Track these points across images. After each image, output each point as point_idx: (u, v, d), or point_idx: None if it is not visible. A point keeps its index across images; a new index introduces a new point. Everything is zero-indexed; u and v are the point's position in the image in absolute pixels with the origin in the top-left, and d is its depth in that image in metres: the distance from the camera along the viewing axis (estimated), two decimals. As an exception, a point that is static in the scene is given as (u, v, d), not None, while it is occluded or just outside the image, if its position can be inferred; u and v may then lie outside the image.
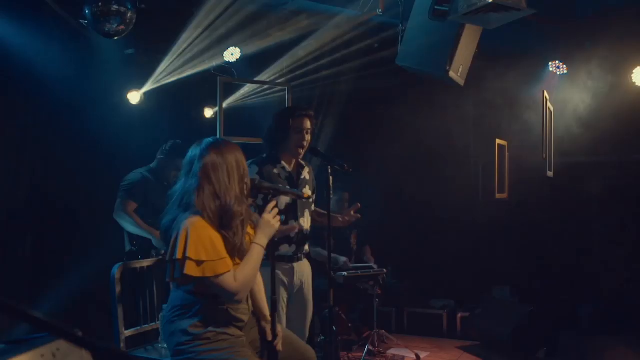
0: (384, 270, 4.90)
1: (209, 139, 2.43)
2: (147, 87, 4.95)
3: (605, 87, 5.37)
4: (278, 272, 3.00)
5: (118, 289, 2.69)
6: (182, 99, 5.31)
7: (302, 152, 3.22)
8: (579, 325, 5.56)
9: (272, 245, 2.42)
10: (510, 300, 5.66)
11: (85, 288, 3.96)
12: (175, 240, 2.24)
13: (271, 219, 2.40)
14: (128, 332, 2.75)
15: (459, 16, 3.22)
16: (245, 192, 2.39)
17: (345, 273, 4.71)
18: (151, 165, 4.23)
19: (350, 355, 4.82)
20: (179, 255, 2.20)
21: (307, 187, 3.24)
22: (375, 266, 5.17)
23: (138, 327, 2.86)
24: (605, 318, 5.45)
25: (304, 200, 3.11)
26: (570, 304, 5.59)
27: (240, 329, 2.40)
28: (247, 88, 5.34)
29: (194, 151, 2.40)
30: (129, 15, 3.39)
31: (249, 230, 2.44)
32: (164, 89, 5.02)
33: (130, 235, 4.04)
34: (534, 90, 5.65)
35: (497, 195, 5.41)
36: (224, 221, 2.29)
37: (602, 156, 5.65)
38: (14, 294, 3.76)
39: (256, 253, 2.36)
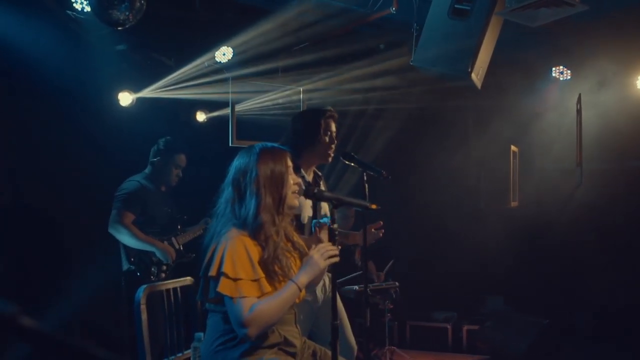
0: (396, 283, 4.64)
1: (259, 145, 2.14)
2: (144, 94, 4.55)
3: (610, 93, 5.27)
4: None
5: (144, 316, 2.32)
6: (174, 102, 4.94)
7: (332, 155, 2.94)
8: (577, 335, 5.41)
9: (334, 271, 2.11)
10: (516, 312, 5.46)
11: (75, 315, 3.55)
12: (211, 255, 2.00)
13: (320, 259, 2.06)
14: (155, 365, 2.39)
15: (507, 12, 2.99)
16: (283, 205, 2.10)
17: (356, 287, 4.42)
18: (146, 171, 3.84)
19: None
20: (212, 271, 1.95)
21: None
22: (375, 278, 4.93)
23: (166, 359, 2.49)
24: (605, 326, 5.33)
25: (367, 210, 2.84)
26: (568, 313, 5.44)
27: (294, 355, 2.12)
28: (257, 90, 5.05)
29: (241, 158, 2.13)
30: (137, 3, 3.01)
31: (288, 251, 2.15)
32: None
33: (128, 251, 3.61)
34: (537, 95, 5.52)
35: (512, 204, 5.23)
36: (261, 237, 2.03)
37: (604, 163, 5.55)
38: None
39: (290, 292, 2.01)
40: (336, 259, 2.09)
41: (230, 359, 2.01)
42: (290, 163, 2.17)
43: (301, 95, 4.22)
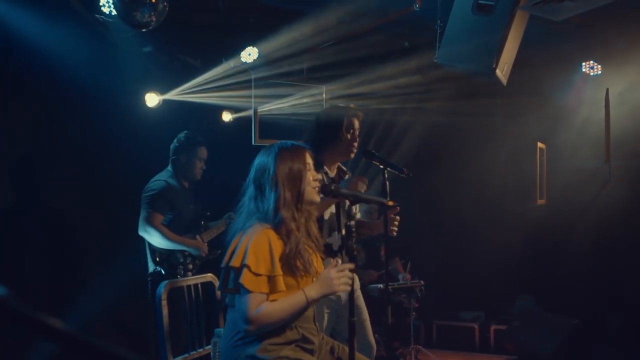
0: (421, 282, 4.60)
1: (278, 144, 2.19)
2: (170, 96, 4.62)
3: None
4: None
5: (165, 311, 2.36)
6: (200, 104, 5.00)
7: (354, 151, 2.95)
8: (609, 337, 5.27)
9: (352, 261, 2.11)
10: (545, 312, 5.35)
11: (102, 315, 3.61)
12: (234, 246, 2.05)
13: (334, 278, 2.08)
14: (176, 361, 2.42)
15: (529, 7, 2.94)
16: (302, 201, 2.14)
17: (380, 286, 4.41)
18: (169, 169, 3.84)
19: (385, 373, 4.51)
20: (235, 262, 2.00)
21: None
22: (401, 277, 4.89)
23: (186, 355, 2.53)
24: (637, 326, 5.18)
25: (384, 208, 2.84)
26: (599, 313, 5.31)
27: (312, 352, 2.13)
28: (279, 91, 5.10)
29: (261, 157, 2.18)
30: (160, 5, 3.07)
31: (309, 247, 2.17)
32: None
33: (154, 252, 3.64)
34: (567, 91, 5.41)
35: (538, 202, 5.14)
36: (282, 232, 2.06)
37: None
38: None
39: (297, 301, 2.04)
40: (348, 289, 2.12)
41: (248, 355, 2.03)
42: (309, 160, 2.20)
43: (324, 95, 4.22)
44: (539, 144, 5.28)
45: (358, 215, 3.09)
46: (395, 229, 2.87)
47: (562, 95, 5.38)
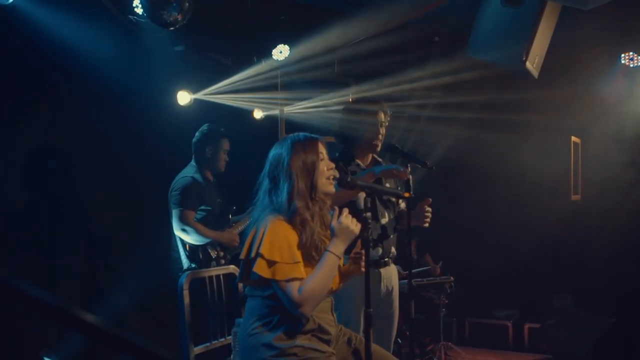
0: (451, 278, 4.56)
1: (292, 136, 2.24)
2: (200, 96, 4.71)
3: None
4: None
5: (186, 300, 2.42)
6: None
7: (379, 145, 2.97)
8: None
9: (366, 252, 2.12)
10: (582, 310, 5.22)
11: (130, 302, 3.70)
12: (252, 238, 2.08)
13: (349, 223, 2.11)
14: (198, 350, 2.48)
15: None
16: (316, 191, 2.16)
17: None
18: (193, 163, 3.87)
19: (415, 369, 4.49)
20: (252, 253, 2.04)
21: (387, 185, 2.96)
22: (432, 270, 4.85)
23: (208, 344, 2.59)
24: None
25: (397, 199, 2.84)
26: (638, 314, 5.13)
27: (328, 342, 2.15)
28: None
29: (275, 149, 2.22)
30: (186, 4, 3.14)
31: (324, 236, 2.20)
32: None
33: (186, 248, 3.67)
34: (605, 83, 5.24)
35: (573, 197, 5.01)
36: (297, 222, 2.09)
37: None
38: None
39: (329, 262, 2.07)
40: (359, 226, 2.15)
41: (264, 343, 2.06)
42: (322, 150, 2.22)
43: (351, 96, 4.25)
44: (574, 138, 5.14)
45: (402, 206, 3.09)
46: (428, 220, 2.87)
47: (600, 88, 5.22)
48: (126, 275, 3.71)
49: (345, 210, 2.16)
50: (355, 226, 2.12)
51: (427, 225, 2.86)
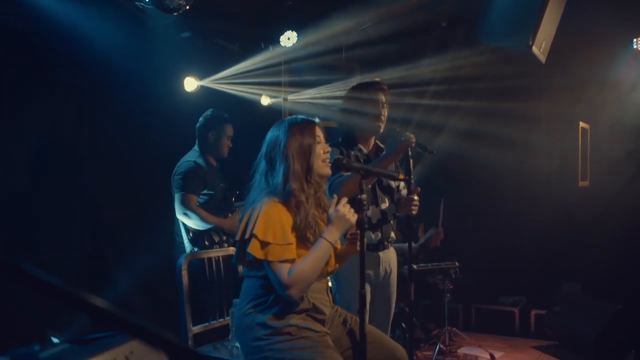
0: (456, 263, 4.57)
1: (288, 119, 2.26)
2: (206, 83, 4.73)
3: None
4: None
5: (185, 281, 2.47)
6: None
7: (381, 126, 2.97)
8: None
9: (361, 234, 2.14)
10: (590, 298, 5.19)
11: (136, 285, 3.76)
12: (247, 220, 2.11)
13: (347, 212, 2.14)
14: (196, 329, 2.53)
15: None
16: (312, 173, 2.19)
17: (415, 266, 4.40)
18: (196, 148, 3.88)
19: (419, 353, 4.52)
20: (247, 234, 2.07)
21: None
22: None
23: (206, 324, 2.63)
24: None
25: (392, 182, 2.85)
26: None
27: (323, 322, 2.18)
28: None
29: (272, 132, 2.24)
30: (189, -11, 3.15)
31: (319, 218, 2.22)
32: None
33: (189, 233, 3.70)
34: (616, 69, 5.17)
35: (580, 184, 4.97)
36: (292, 204, 2.12)
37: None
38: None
39: (321, 249, 2.10)
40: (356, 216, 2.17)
41: (259, 322, 2.10)
42: (319, 133, 2.24)
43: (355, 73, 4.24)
44: (582, 124, 5.09)
45: (404, 192, 3.10)
46: (415, 208, 2.88)
47: (611, 74, 5.16)
48: (132, 259, 3.76)
49: (344, 200, 2.18)
50: (352, 216, 2.15)
51: (414, 212, 2.87)
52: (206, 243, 3.60)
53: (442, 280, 4.58)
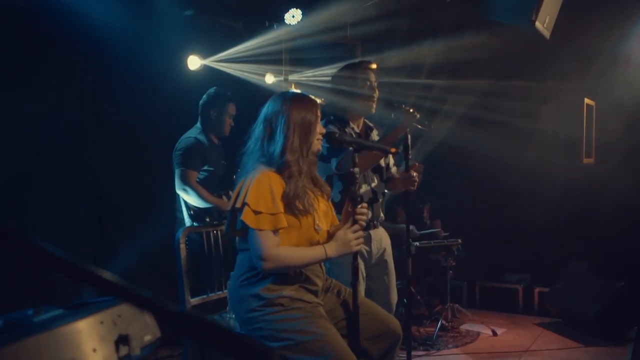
0: (459, 240, 4.59)
1: (291, 92, 2.32)
2: (209, 62, 4.73)
3: None
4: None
5: (183, 254, 2.51)
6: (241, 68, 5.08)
7: (373, 106, 2.98)
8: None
9: (354, 207, 2.17)
10: (592, 274, 5.19)
11: (138, 260, 3.82)
12: (239, 189, 2.15)
13: (352, 239, 2.18)
14: (194, 301, 2.58)
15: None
16: (309, 149, 2.23)
17: (417, 243, 4.43)
18: (198, 125, 3.89)
19: (421, 329, 4.56)
20: (238, 203, 2.11)
21: None
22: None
23: (204, 296, 2.69)
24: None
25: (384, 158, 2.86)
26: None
27: (316, 293, 2.21)
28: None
29: (274, 102, 2.26)
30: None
31: (312, 192, 2.26)
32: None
33: (189, 209, 3.72)
34: (623, 45, 5.09)
35: (585, 160, 4.94)
36: (285, 174, 2.16)
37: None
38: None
39: (315, 254, 2.16)
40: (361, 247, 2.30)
41: (252, 294, 2.14)
42: (319, 113, 2.27)
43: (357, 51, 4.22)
44: (587, 100, 5.04)
45: (394, 170, 3.13)
46: (415, 185, 2.89)
47: (618, 49, 5.08)
48: (135, 234, 3.82)
49: (356, 226, 2.20)
50: (355, 245, 2.19)
51: (413, 189, 2.88)
52: (207, 220, 3.64)
53: (444, 257, 4.60)
